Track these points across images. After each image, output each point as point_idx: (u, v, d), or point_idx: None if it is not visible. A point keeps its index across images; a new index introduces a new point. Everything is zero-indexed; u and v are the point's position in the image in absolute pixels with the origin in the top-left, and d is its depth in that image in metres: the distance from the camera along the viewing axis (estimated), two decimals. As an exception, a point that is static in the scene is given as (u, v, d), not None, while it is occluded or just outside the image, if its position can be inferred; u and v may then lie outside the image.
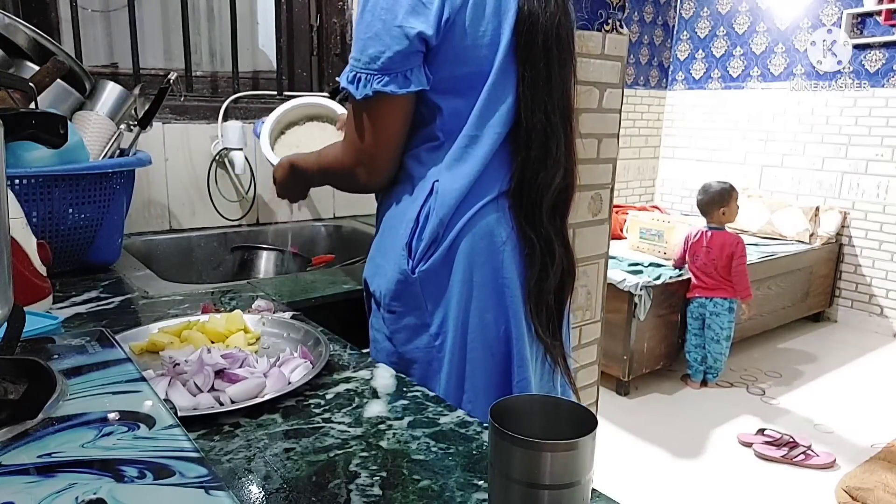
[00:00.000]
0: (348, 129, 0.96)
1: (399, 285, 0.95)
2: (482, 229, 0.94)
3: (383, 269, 0.98)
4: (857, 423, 2.82)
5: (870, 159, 3.94)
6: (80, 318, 0.95)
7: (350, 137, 0.96)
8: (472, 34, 0.88)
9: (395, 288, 0.96)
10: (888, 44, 3.78)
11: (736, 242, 3.03)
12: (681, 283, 3.10)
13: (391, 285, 0.96)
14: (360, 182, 0.99)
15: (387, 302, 0.97)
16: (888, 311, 4.00)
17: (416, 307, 0.96)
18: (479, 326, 0.95)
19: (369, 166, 0.96)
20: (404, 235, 0.95)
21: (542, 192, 0.94)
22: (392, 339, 0.99)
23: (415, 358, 0.97)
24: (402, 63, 0.86)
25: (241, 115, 1.87)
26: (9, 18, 1.22)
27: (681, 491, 2.31)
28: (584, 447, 0.43)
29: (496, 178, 0.94)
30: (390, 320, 0.98)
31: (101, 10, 1.83)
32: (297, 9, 2.05)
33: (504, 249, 0.95)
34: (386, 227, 1.01)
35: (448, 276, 0.94)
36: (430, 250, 0.94)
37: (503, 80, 0.91)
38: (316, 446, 0.61)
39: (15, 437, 0.40)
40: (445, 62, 0.88)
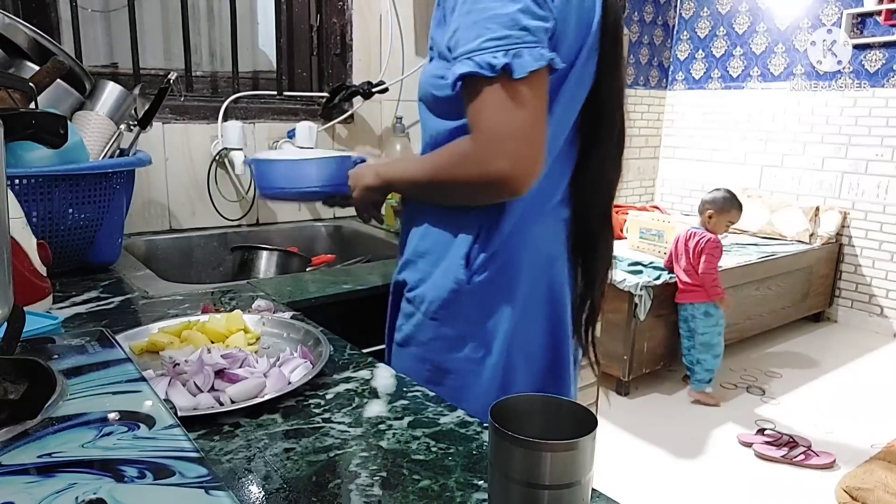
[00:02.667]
0: (489, 120, 0.79)
1: (451, 294, 0.92)
2: (539, 241, 0.93)
3: (432, 276, 0.94)
4: (857, 423, 2.82)
5: (870, 159, 3.94)
6: (80, 318, 0.95)
7: (495, 129, 0.79)
8: (567, 31, 0.84)
9: (445, 297, 0.92)
10: (888, 44, 3.78)
11: (707, 240, 2.92)
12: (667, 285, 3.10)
13: (441, 294, 0.92)
14: (505, 185, 0.81)
15: (432, 310, 0.93)
16: (888, 311, 4.00)
17: (464, 318, 0.92)
18: (523, 340, 0.94)
19: (528, 160, 0.80)
20: (462, 245, 0.91)
21: (604, 195, 0.96)
22: (428, 345, 0.95)
23: (451, 368, 0.94)
24: (545, 38, 0.80)
25: (241, 115, 1.87)
26: (9, 18, 1.22)
27: (681, 491, 2.31)
28: (584, 447, 0.43)
29: (554, 187, 0.93)
30: (431, 327, 0.94)
31: (101, 10, 1.83)
32: (297, 9, 2.05)
33: (558, 262, 0.95)
34: (434, 233, 0.95)
35: (503, 289, 0.92)
36: (489, 262, 0.91)
37: (581, 80, 0.89)
38: (316, 446, 0.61)
39: (15, 437, 0.40)
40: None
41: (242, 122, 1.83)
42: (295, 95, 2.02)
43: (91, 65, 1.76)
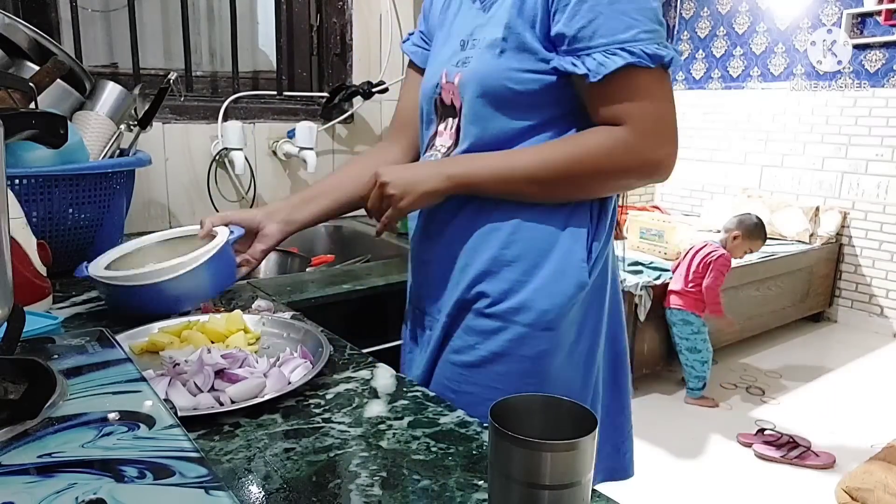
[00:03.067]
0: (651, 109, 0.81)
1: (571, 300, 0.86)
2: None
3: (534, 283, 0.86)
4: (857, 423, 2.82)
5: (870, 159, 3.94)
6: (80, 318, 0.95)
7: (658, 116, 0.81)
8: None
9: (565, 303, 0.86)
10: (888, 44, 3.78)
11: (719, 256, 2.87)
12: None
13: (559, 300, 0.86)
14: (666, 170, 0.83)
15: (547, 319, 0.86)
16: (888, 311, 4.00)
17: (578, 321, 0.89)
18: (609, 341, 0.96)
19: (675, 149, 0.83)
20: (576, 242, 0.87)
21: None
22: (539, 358, 0.87)
23: (563, 377, 0.89)
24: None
25: (241, 115, 1.87)
26: (9, 18, 1.22)
27: (681, 491, 2.31)
28: (584, 447, 0.43)
29: None
30: (544, 338, 0.87)
31: (101, 10, 1.83)
32: (297, 9, 2.05)
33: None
34: (527, 236, 0.87)
35: (604, 283, 0.92)
36: (601, 255, 0.89)
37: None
38: (316, 446, 0.61)
39: (15, 437, 0.40)
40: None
41: (242, 123, 1.83)
42: (295, 95, 2.02)
43: (91, 65, 1.76)
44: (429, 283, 0.97)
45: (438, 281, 0.95)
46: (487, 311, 0.88)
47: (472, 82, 0.87)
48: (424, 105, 0.99)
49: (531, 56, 0.83)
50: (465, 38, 0.91)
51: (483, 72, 0.85)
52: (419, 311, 1.01)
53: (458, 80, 0.89)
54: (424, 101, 0.99)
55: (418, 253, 1.01)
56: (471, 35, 0.90)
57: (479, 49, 0.87)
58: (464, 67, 0.88)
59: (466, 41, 0.91)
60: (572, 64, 0.80)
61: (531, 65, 0.83)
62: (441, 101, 0.94)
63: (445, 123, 0.95)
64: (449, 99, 0.92)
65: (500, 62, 0.84)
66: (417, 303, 1.01)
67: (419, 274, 1.01)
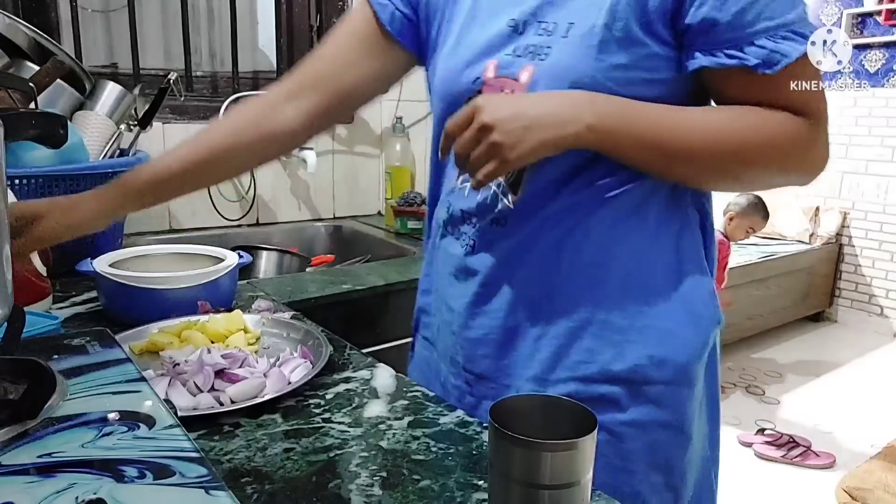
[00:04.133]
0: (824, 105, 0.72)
1: (705, 348, 0.73)
2: None
3: (672, 331, 0.71)
4: (857, 423, 2.82)
5: (870, 159, 3.94)
6: (80, 318, 0.95)
7: (826, 115, 0.72)
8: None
9: (700, 353, 0.73)
10: (888, 44, 3.78)
11: (720, 240, 2.79)
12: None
13: (696, 350, 0.72)
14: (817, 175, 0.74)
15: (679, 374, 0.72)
16: (888, 311, 4.00)
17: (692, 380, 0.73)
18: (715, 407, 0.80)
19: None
20: (701, 274, 0.73)
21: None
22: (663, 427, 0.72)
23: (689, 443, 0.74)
24: None
25: (241, 115, 1.87)
26: (9, 18, 1.22)
27: (681, 491, 2.31)
28: (584, 447, 0.43)
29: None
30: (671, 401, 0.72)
31: (101, 10, 1.83)
32: (297, 9, 2.05)
33: None
34: (658, 267, 0.72)
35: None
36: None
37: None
38: (316, 446, 0.61)
39: (15, 437, 0.40)
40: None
41: (242, 122, 1.83)
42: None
43: (91, 65, 1.76)
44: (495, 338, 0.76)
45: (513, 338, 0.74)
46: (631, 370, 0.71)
47: (557, 81, 0.67)
48: (447, 105, 0.77)
49: (639, 50, 0.66)
50: (519, 17, 0.71)
51: (578, 69, 0.66)
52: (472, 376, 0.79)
53: (527, 77, 0.69)
54: (447, 99, 0.77)
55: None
56: (533, 15, 0.70)
57: (560, 37, 0.68)
58: (537, 60, 0.69)
59: (526, 23, 0.71)
60: (729, 57, 0.64)
61: (639, 61, 0.66)
62: None
63: None
64: None
65: (602, 58, 0.66)
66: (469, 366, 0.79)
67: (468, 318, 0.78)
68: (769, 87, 0.66)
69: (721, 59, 0.64)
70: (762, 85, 0.66)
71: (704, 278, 0.74)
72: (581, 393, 0.71)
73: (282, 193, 1.97)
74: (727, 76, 0.66)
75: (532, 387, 0.73)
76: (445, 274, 0.81)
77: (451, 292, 0.80)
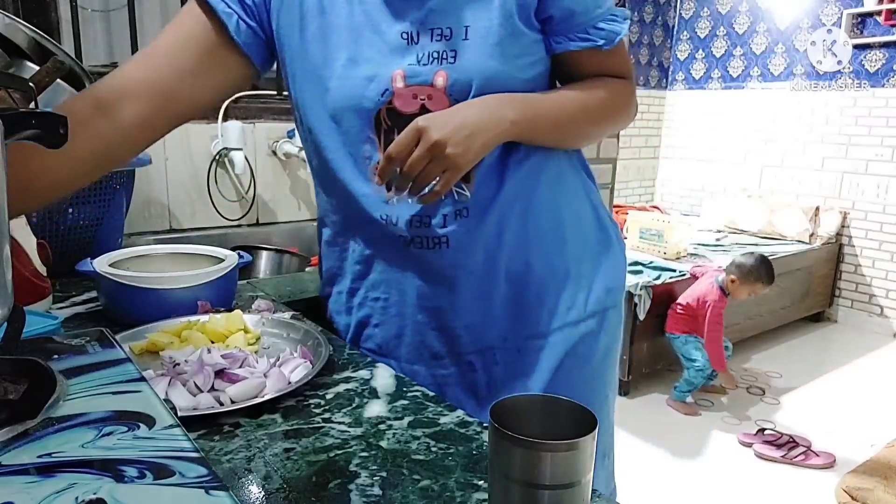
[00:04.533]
0: (629, 66, 0.90)
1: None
2: None
3: (612, 263, 0.95)
4: (857, 422, 2.82)
5: (870, 159, 3.94)
6: (80, 318, 0.95)
7: (633, 72, 0.91)
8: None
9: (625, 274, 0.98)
10: (888, 44, 3.78)
11: (712, 307, 2.80)
12: (681, 283, 3.10)
13: (625, 273, 0.99)
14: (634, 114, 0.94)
15: (621, 296, 0.98)
16: (888, 311, 4.00)
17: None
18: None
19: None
20: (608, 214, 0.98)
21: None
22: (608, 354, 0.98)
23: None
24: None
25: (241, 115, 1.87)
26: (9, 18, 1.22)
27: (681, 491, 2.31)
28: (584, 447, 0.43)
29: None
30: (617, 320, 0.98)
31: (101, 9, 1.83)
32: (297, 9, 2.05)
33: None
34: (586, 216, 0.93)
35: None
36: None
37: None
38: (316, 446, 0.61)
39: (15, 437, 0.40)
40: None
41: (242, 122, 1.83)
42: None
43: (91, 65, 1.76)
44: (472, 308, 0.85)
45: (488, 306, 0.85)
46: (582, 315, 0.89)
47: (474, 80, 0.76)
48: (353, 120, 0.80)
49: (523, 40, 0.79)
50: (409, 28, 0.77)
51: (487, 65, 0.76)
52: (455, 354, 0.88)
53: (443, 81, 0.76)
54: (348, 114, 0.79)
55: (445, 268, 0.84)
56: (422, 24, 0.76)
57: (461, 39, 0.75)
58: (446, 63, 0.76)
59: (418, 33, 0.76)
60: (584, 39, 0.81)
61: (525, 49, 0.79)
62: (398, 112, 0.78)
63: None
64: (414, 106, 0.78)
65: (504, 51, 0.76)
66: (453, 345, 0.87)
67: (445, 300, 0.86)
68: (606, 60, 0.85)
69: (579, 42, 0.81)
70: (602, 58, 0.84)
71: (608, 215, 0.95)
72: (572, 336, 0.87)
73: (282, 193, 1.97)
74: (577, 54, 0.83)
75: (538, 343, 0.86)
76: (412, 278, 0.86)
77: (428, 292, 0.85)
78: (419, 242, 0.83)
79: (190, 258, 1.05)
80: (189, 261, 1.04)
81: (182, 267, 0.97)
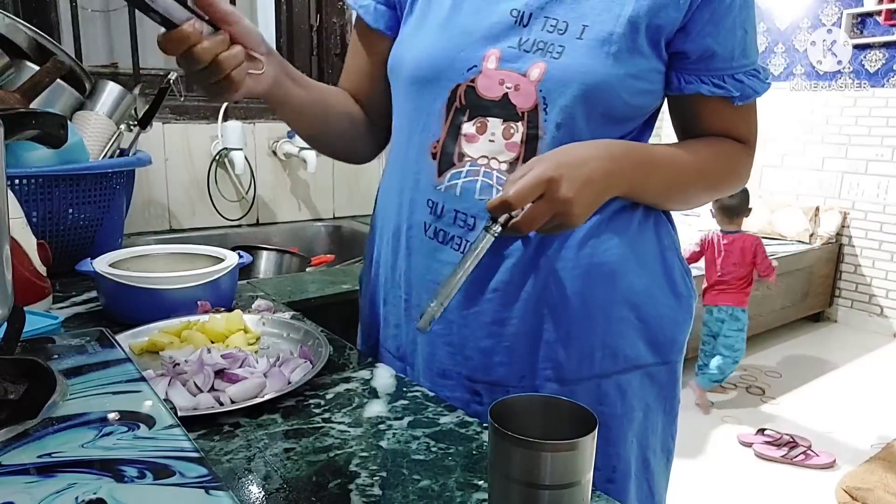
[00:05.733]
0: (755, 131, 0.81)
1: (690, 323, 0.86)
2: None
3: (666, 315, 0.82)
4: (857, 423, 2.82)
5: (870, 159, 3.94)
6: (80, 318, 0.95)
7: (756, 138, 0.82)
8: None
9: (688, 328, 0.85)
10: (888, 44, 3.78)
11: (757, 243, 2.97)
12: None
13: (686, 327, 0.85)
14: (745, 182, 0.85)
15: (676, 351, 0.84)
16: (888, 311, 4.00)
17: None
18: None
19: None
20: (679, 259, 0.84)
21: None
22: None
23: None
24: None
25: (241, 115, 1.87)
26: (9, 18, 1.22)
27: (681, 491, 2.31)
28: (584, 447, 0.43)
29: None
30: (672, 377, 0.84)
31: (101, 10, 1.83)
32: (297, 9, 2.05)
33: None
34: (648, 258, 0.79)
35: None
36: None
37: None
38: (316, 446, 0.61)
39: (15, 437, 0.40)
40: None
41: (242, 123, 1.83)
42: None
43: (91, 65, 1.76)
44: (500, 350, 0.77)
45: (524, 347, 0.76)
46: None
47: (574, 85, 0.68)
48: (426, 91, 0.75)
49: (644, 63, 0.71)
50: (523, 8, 0.70)
51: (594, 72, 0.68)
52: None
53: (538, 74, 0.69)
54: (429, 83, 0.74)
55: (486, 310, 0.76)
56: (541, 9, 0.70)
57: (574, 38, 0.69)
58: (549, 57, 0.69)
59: (531, 15, 0.70)
60: (718, 86, 0.73)
61: (643, 73, 0.71)
62: (476, 94, 0.72)
63: (484, 124, 0.72)
64: (497, 92, 0.71)
65: (618, 65, 0.68)
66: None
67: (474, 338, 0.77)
68: (735, 116, 0.77)
69: (712, 88, 0.73)
70: (731, 113, 0.77)
71: (680, 263, 0.82)
72: (603, 386, 0.76)
73: (282, 193, 1.97)
74: (707, 101, 0.76)
75: (555, 388, 0.75)
76: (427, 282, 0.77)
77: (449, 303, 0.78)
78: (435, 237, 0.75)
79: (190, 258, 1.05)
80: (189, 261, 1.04)
81: (182, 267, 0.97)
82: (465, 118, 0.73)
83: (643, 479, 0.82)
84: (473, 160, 0.73)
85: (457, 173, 0.74)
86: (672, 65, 0.73)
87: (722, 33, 0.70)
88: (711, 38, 0.70)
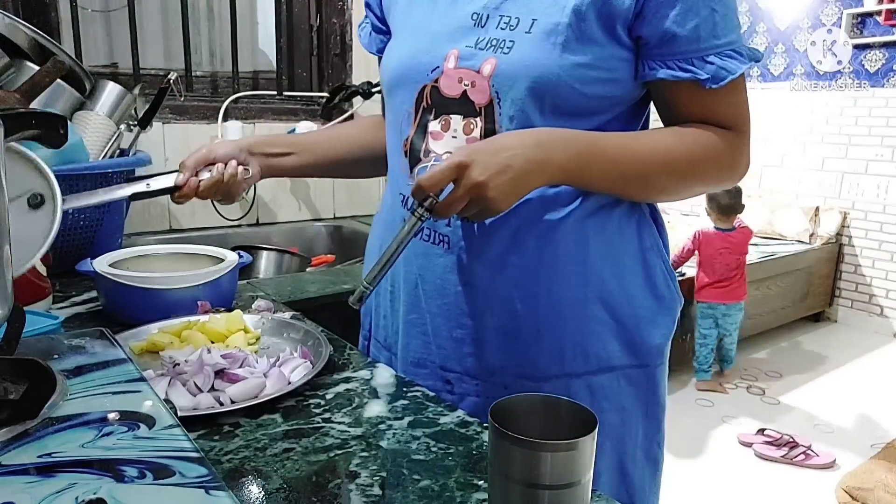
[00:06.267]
0: (743, 115, 0.75)
1: (672, 327, 0.84)
2: None
3: (645, 317, 0.80)
4: (857, 423, 2.82)
5: (870, 159, 3.94)
6: (80, 318, 0.95)
7: (748, 124, 0.76)
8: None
9: (670, 333, 0.82)
10: (888, 44, 3.78)
11: (750, 235, 3.13)
12: (680, 283, 3.09)
13: (667, 331, 0.82)
14: (742, 174, 0.80)
15: (655, 355, 0.81)
16: (888, 311, 4.00)
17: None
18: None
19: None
20: (662, 261, 0.82)
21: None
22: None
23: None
24: None
25: (241, 115, 1.87)
26: (9, 18, 1.22)
27: (681, 491, 2.31)
28: (584, 447, 0.43)
29: None
30: (653, 381, 0.82)
31: (101, 10, 1.83)
32: (297, 9, 2.05)
33: None
34: (626, 259, 0.78)
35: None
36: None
37: None
38: (316, 446, 0.61)
39: (15, 437, 0.40)
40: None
41: (242, 123, 1.83)
42: (295, 95, 2.02)
43: (91, 65, 1.76)
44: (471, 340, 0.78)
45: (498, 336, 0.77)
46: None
47: (522, 78, 0.70)
48: (398, 93, 0.79)
49: (599, 51, 0.70)
50: (481, 10, 0.73)
51: (542, 65, 0.69)
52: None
53: (490, 69, 0.71)
54: (401, 85, 0.79)
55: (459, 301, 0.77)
56: (496, 9, 0.73)
57: (523, 32, 0.70)
58: (500, 53, 0.71)
59: (488, 16, 0.73)
60: (683, 69, 0.69)
61: (598, 61, 0.70)
62: (440, 93, 0.75)
63: (447, 122, 0.75)
64: (456, 91, 0.73)
65: (566, 56, 0.69)
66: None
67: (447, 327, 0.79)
68: (711, 101, 0.73)
69: (676, 72, 0.70)
70: (706, 98, 0.72)
71: (663, 264, 0.80)
72: (573, 385, 0.76)
73: (282, 193, 1.97)
74: (676, 87, 0.72)
75: (526, 384, 0.76)
76: (413, 271, 0.81)
77: (423, 291, 0.80)
78: (425, 234, 0.78)
79: (190, 258, 1.05)
80: (189, 261, 1.04)
81: (182, 267, 0.97)
82: (431, 117, 0.76)
83: (621, 487, 0.82)
84: (438, 156, 0.76)
85: (423, 168, 0.77)
86: (637, 52, 0.72)
87: (681, 14, 0.67)
88: (670, 20, 0.68)
